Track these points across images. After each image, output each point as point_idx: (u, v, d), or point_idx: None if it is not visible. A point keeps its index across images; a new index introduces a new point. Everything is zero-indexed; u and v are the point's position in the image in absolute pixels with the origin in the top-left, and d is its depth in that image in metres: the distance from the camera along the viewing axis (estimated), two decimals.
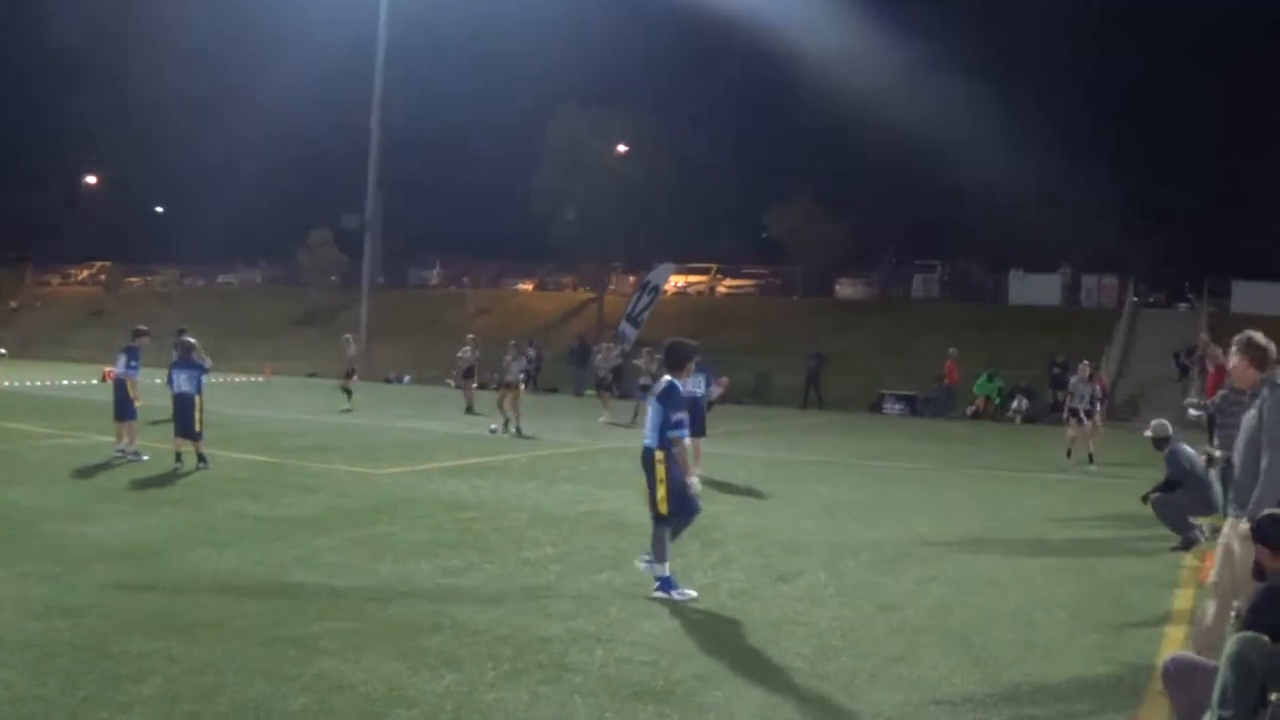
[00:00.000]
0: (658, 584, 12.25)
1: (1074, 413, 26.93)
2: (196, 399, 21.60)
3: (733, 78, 76.01)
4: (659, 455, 12.52)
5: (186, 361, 21.97)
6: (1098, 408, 27.45)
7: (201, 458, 21.34)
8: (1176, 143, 74.12)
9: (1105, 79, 77.39)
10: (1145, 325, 56.31)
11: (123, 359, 23.08)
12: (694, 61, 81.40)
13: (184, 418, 21.54)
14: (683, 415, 12.67)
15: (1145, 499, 16.76)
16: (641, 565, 12.66)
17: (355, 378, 40.74)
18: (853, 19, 68.80)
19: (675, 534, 12.70)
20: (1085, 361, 28.76)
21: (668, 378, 12.97)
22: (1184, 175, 72.67)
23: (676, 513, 12.53)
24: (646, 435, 12.76)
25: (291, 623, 10.57)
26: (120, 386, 22.82)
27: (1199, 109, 75.66)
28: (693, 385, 23.87)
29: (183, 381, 21.73)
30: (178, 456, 21.27)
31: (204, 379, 22.06)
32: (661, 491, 12.43)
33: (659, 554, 12.40)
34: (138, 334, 23.80)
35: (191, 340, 22.61)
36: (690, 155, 71.42)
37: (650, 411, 12.74)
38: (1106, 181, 67.82)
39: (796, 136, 78.67)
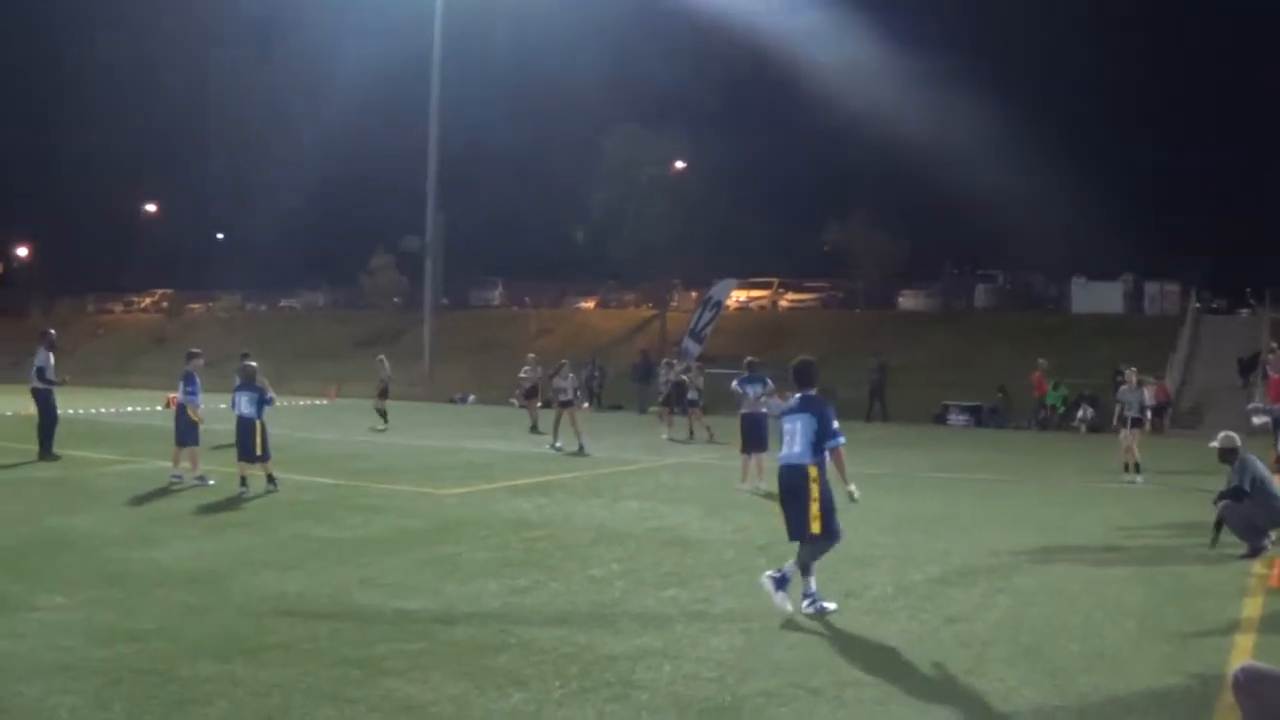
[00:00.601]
0: (806, 601, 12.11)
1: (1124, 421, 26.58)
2: (257, 423, 21.63)
3: (787, 93, 75.88)
4: (813, 472, 12.22)
5: (248, 385, 22.01)
6: (1147, 415, 27.08)
7: (270, 479, 21.43)
8: (1235, 147, 73.72)
9: (1160, 85, 77.05)
10: (1208, 332, 55.86)
11: (181, 385, 23.13)
12: (749, 79, 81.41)
13: (245, 441, 21.61)
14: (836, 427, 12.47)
15: (1217, 500, 16.59)
16: (767, 584, 12.21)
17: (388, 398, 40.74)
18: (907, 35, 68.78)
19: (817, 557, 12.45)
20: (1131, 369, 28.31)
21: (800, 394, 12.86)
22: (1244, 181, 72.26)
23: (830, 533, 12.31)
24: (794, 451, 12.34)
25: (357, 644, 10.57)
26: (180, 412, 22.89)
27: (1256, 113, 75.26)
28: (755, 399, 23.94)
29: (244, 404, 21.79)
30: (243, 480, 21.34)
31: (266, 402, 22.05)
32: (815, 509, 12.15)
33: (807, 568, 12.26)
34: (190, 356, 23.83)
35: (253, 364, 22.69)
36: (747, 170, 71.42)
37: (800, 426, 12.36)
38: (1166, 188, 67.50)
39: (854, 150, 78.59)
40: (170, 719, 8.39)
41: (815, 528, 12.14)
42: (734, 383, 24.63)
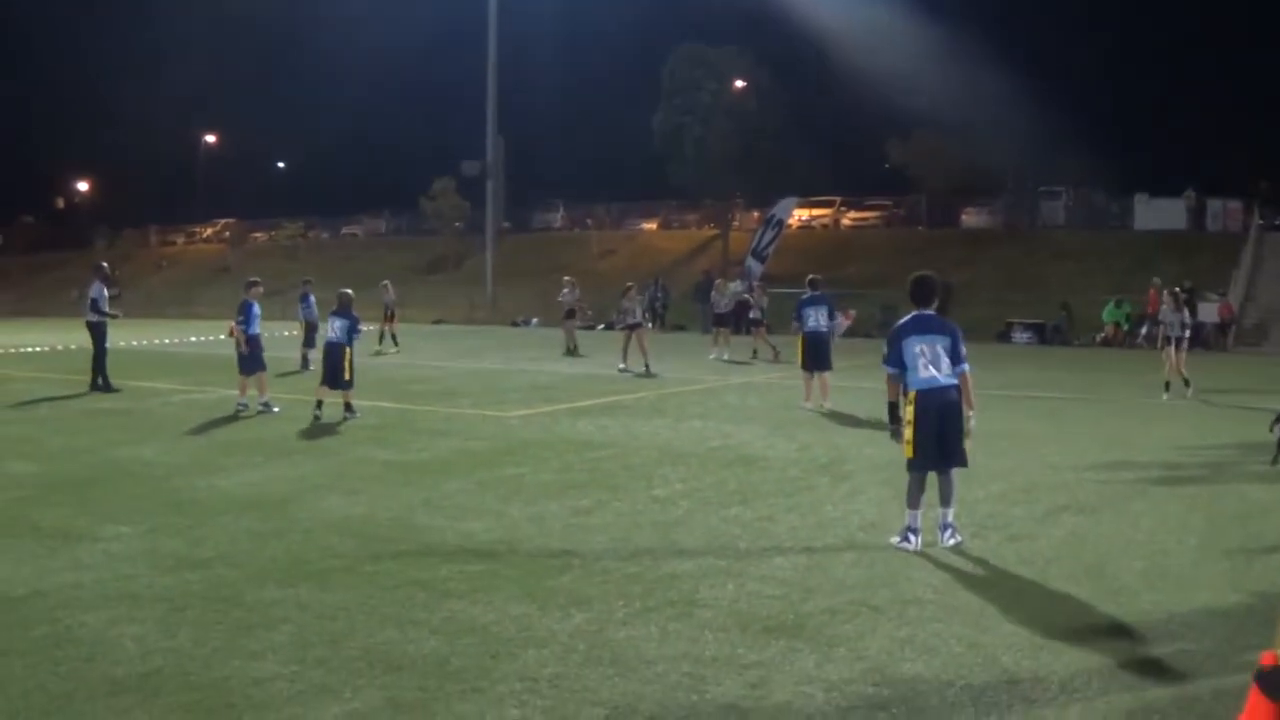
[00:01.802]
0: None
1: (1168, 340, 26.45)
2: (347, 349, 21.61)
3: (846, 9, 75.32)
4: (911, 395, 11.78)
5: (343, 312, 21.94)
6: (1187, 334, 26.87)
7: (348, 407, 21.48)
8: None
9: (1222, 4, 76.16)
10: (1271, 249, 55.10)
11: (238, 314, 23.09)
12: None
13: (333, 367, 21.60)
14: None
15: (1276, 423, 16.42)
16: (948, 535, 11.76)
17: (396, 322, 40.76)
18: None
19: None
20: (1175, 289, 28.19)
21: (920, 311, 12.05)
22: None
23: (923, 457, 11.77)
24: (941, 372, 11.71)
25: (421, 566, 10.64)
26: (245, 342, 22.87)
27: None
28: (815, 319, 23.83)
29: (337, 330, 21.74)
30: (318, 405, 21.43)
31: (356, 332, 22.01)
32: (909, 434, 11.72)
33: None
34: (249, 286, 23.79)
35: (349, 291, 22.73)
36: (807, 89, 71.08)
37: (941, 346, 11.71)
38: (1230, 103, 66.79)
39: (913, 65, 78.04)
40: (235, 644, 8.44)
41: (909, 452, 11.80)
42: (798, 306, 24.46)
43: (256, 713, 7.23)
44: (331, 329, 21.89)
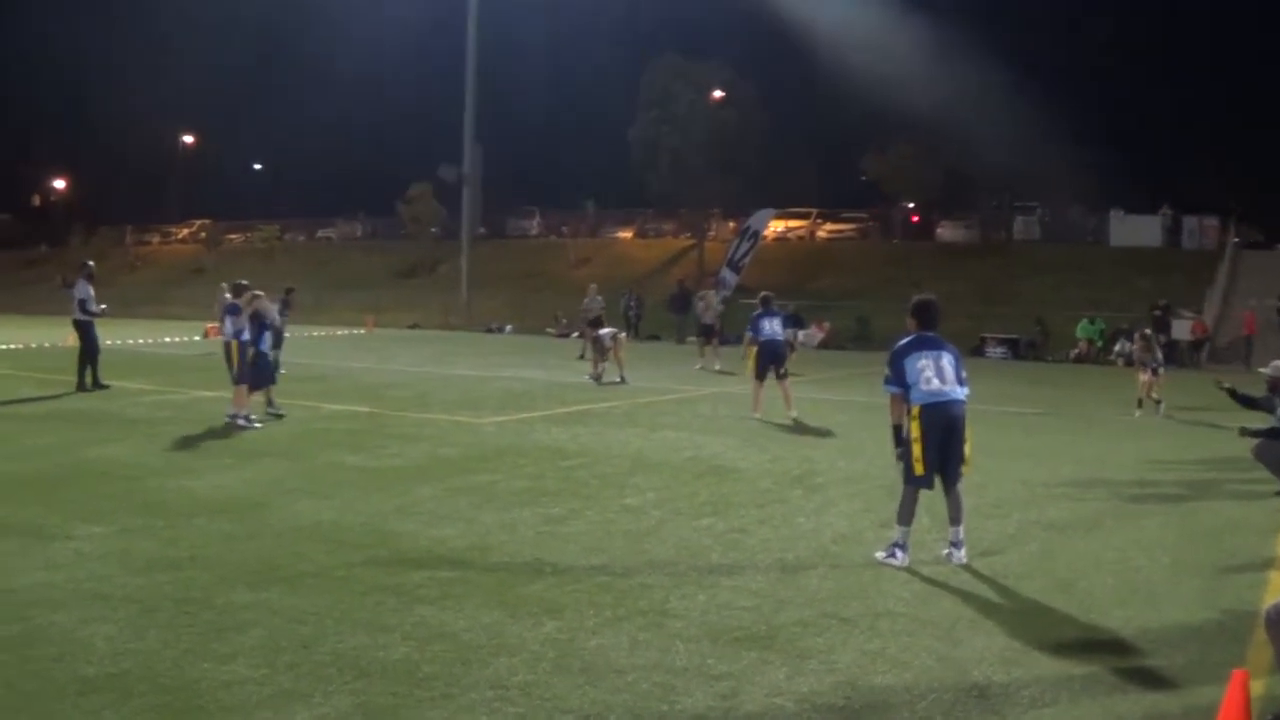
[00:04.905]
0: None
1: (1144, 366, 26.75)
2: (232, 345, 21.57)
3: (826, 21, 75.36)
4: (915, 411, 11.61)
5: (232, 308, 21.77)
6: (1161, 369, 27.03)
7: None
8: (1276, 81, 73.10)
9: (1199, 16, 76.34)
10: (1246, 267, 55.32)
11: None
12: (789, 9, 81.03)
13: (230, 364, 21.65)
14: None
15: (1249, 435, 16.46)
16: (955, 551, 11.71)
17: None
18: None
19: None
20: (1147, 331, 28.51)
21: (922, 333, 12.06)
22: None
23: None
24: (950, 387, 11.72)
25: (392, 572, 10.63)
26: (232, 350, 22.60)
27: None
28: (771, 329, 23.93)
29: (226, 327, 21.75)
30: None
31: (244, 330, 21.76)
32: (917, 451, 11.53)
33: (904, 516, 11.62)
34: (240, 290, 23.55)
35: (243, 283, 22.61)
36: (784, 99, 71.25)
37: (947, 361, 11.77)
38: (1205, 121, 67.04)
39: (891, 77, 78.21)
40: (206, 647, 8.43)
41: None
42: (754, 320, 24.47)
43: (226, 715, 7.22)
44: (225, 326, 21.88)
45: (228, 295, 22.58)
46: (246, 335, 21.70)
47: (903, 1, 68.77)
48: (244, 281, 23.51)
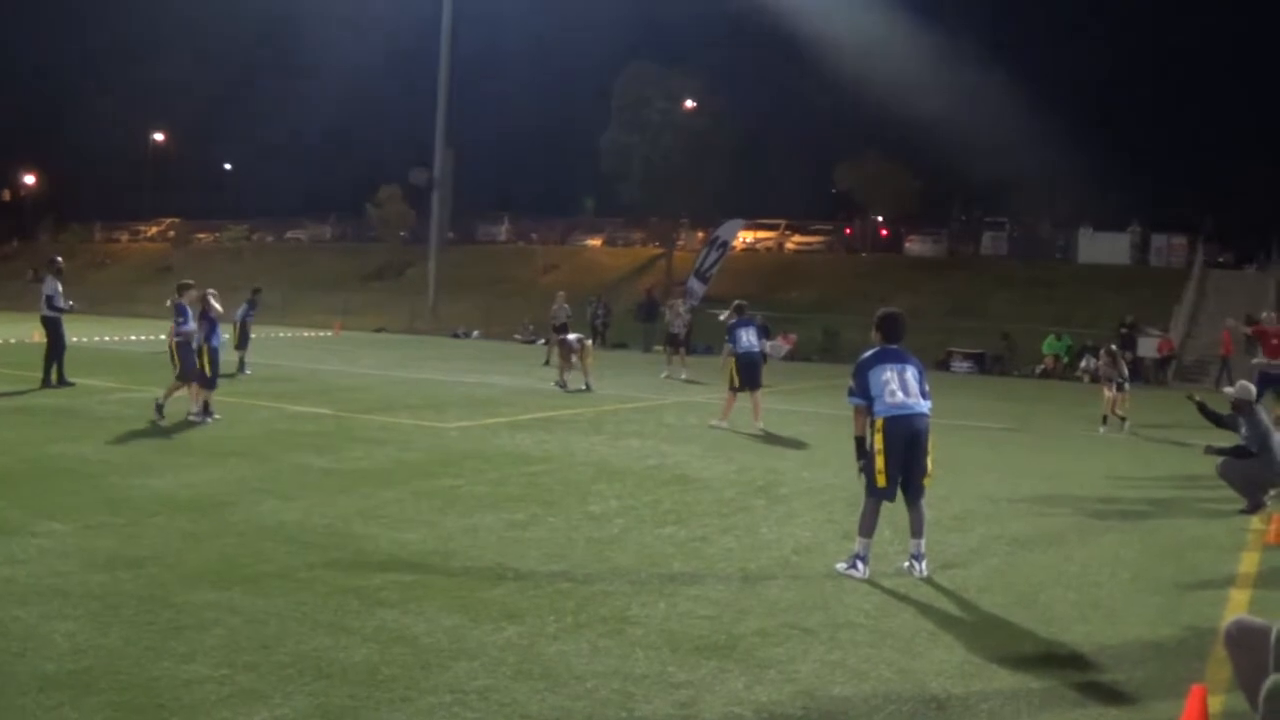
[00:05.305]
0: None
1: (1109, 381, 26.86)
2: (171, 342, 21.84)
3: (796, 32, 75.62)
4: (879, 424, 11.64)
5: (180, 306, 21.84)
6: (1126, 385, 27.12)
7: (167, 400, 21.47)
8: (1248, 100, 73.55)
9: (1170, 36, 76.77)
10: (1214, 286, 55.62)
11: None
12: (761, 19, 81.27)
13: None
14: None
15: (1214, 453, 16.60)
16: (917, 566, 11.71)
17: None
18: None
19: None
20: (1112, 347, 28.45)
21: (886, 346, 12.14)
22: (1258, 135, 71.99)
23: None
24: (914, 399, 11.77)
25: (354, 574, 10.61)
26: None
27: (1269, 65, 75.03)
28: (749, 341, 24.00)
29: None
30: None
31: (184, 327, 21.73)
32: (880, 463, 11.54)
33: (865, 528, 11.61)
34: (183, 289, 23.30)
35: (186, 283, 22.59)
36: (757, 111, 71.39)
37: (911, 374, 11.83)
38: (1175, 140, 67.43)
39: (863, 91, 78.54)
40: (167, 645, 8.40)
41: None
42: (729, 329, 24.50)
43: (186, 714, 7.20)
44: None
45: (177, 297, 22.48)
46: (189, 327, 21.77)
47: (879, 16, 68.94)
48: (188, 281, 23.42)
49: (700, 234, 72.96)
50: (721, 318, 25.53)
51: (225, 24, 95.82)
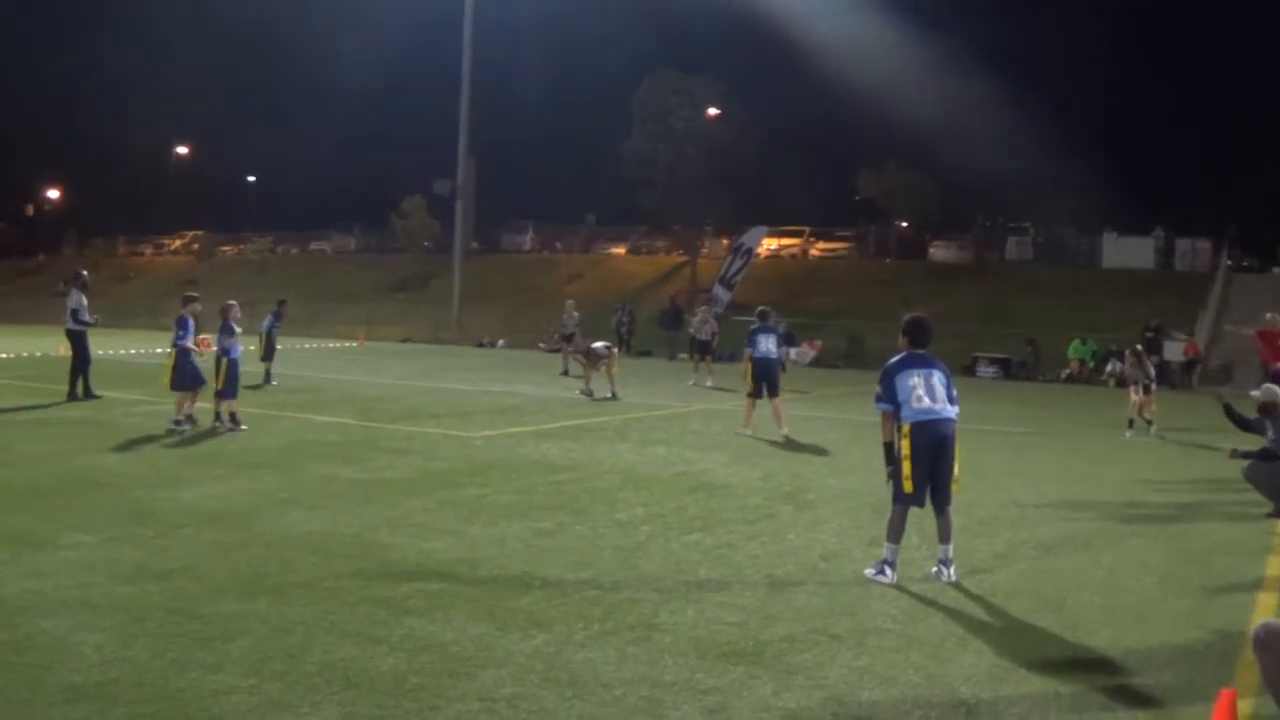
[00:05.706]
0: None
1: (1135, 386, 26.77)
2: (171, 352, 22.16)
3: (817, 40, 75.61)
4: (905, 429, 11.63)
5: (181, 319, 22.08)
6: (1153, 385, 27.03)
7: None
8: (1272, 103, 73.34)
9: (1195, 42, 76.64)
10: (1239, 290, 55.37)
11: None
12: (785, 28, 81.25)
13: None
14: None
15: (1241, 456, 16.52)
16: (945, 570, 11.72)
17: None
18: None
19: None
20: (1138, 346, 28.37)
21: (912, 351, 12.11)
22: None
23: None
24: (941, 405, 11.77)
25: (381, 584, 10.62)
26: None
27: None
28: (766, 347, 23.95)
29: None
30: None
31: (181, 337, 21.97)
32: (907, 469, 11.53)
33: (893, 533, 11.60)
34: (188, 301, 23.46)
35: (190, 295, 22.94)
36: (779, 118, 71.37)
37: (938, 379, 11.81)
38: (1200, 144, 67.24)
39: (885, 98, 78.47)
40: (194, 655, 8.42)
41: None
42: (750, 334, 24.47)
43: None
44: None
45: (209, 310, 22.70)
46: (187, 341, 22.17)
47: (900, 22, 68.92)
48: (192, 294, 23.61)
49: (724, 241, 73.03)
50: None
51: (249, 37, 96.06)
